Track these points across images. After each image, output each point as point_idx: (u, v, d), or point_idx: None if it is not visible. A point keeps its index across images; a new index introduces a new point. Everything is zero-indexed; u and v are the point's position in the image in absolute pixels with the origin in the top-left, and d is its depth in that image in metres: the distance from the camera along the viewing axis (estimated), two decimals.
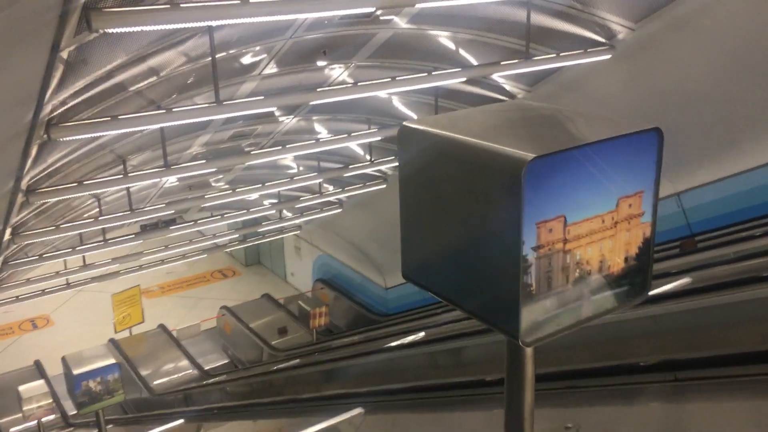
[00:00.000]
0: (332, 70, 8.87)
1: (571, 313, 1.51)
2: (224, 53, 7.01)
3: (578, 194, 1.42)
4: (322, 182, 14.03)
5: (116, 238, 13.05)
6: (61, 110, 5.50)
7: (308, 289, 20.22)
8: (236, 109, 6.16)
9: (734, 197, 7.62)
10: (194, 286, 22.42)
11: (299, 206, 15.31)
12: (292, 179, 12.43)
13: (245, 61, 7.77)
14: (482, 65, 7.56)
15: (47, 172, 7.66)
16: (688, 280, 4.33)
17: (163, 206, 10.95)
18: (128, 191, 9.77)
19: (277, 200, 14.89)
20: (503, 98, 9.31)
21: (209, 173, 12.87)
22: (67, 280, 14.82)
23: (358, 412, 3.06)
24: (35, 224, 10.35)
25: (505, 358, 1.64)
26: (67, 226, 9.93)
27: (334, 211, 16.24)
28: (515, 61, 7.12)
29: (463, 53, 8.42)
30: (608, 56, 7.44)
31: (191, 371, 16.29)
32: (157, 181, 11.21)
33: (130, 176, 7.98)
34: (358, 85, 6.59)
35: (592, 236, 1.48)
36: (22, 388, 9.47)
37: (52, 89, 4.59)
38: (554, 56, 7.20)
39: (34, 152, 5.80)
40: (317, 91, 6.66)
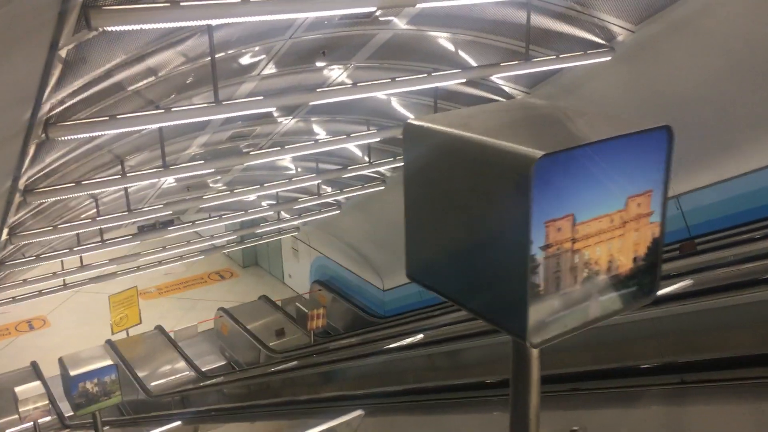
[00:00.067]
0: (331, 70, 8.85)
1: (578, 314, 1.48)
2: (223, 53, 6.99)
3: (587, 193, 1.40)
4: (320, 183, 14.01)
5: (114, 239, 13.00)
6: (59, 109, 5.47)
7: (306, 290, 20.19)
8: (235, 109, 6.13)
9: (734, 200, 7.61)
10: (191, 287, 22.38)
11: (297, 207, 15.28)
12: (290, 180, 12.40)
13: (244, 61, 7.75)
14: (482, 66, 7.55)
15: (45, 172, 7.63)
16: (689, 282, 4.31)
17: (161, 207, 10.92)
18: (126, 191, 9.73)
19: (275, 201, 14.86)
20: (502, 100, 9.29)
21: (208, 174, 12.84)
22: (64, 281, 14.77)
23: (358, 413, 3.04)
24: (32, 224, 10.30)
25: (509, 359, 1.61)
26: (64, 226, 9.88)
27: (332, 212, 16.22)
28: (515, 62, 7.10)
29: (462, 55, 8.41)
30: (608, 58, 7.43)
31: (188, 373, 16.25)
32: (155, 181, 11.18)
33: (128, 176, 7.95)
34: (357, 85, 6.57)
35: (600, 236, 1.46)
36: (18, 389, 9.41)
37: (50, 88, 4.56)
38: (554, 58, 7.19)
39: (31, 152, 5.76)
40: (317, 91, 6.64)
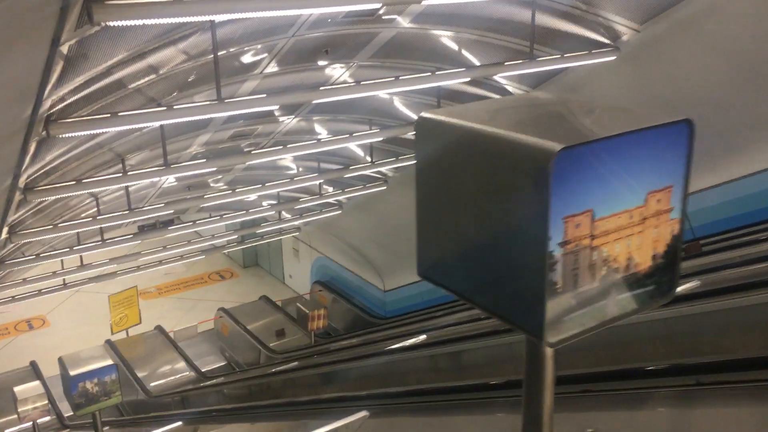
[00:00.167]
0: (334, 69, 8.81)
1: (596, 313, 1.45)
2: (225, 51, 6.95)
3: (606, 188, 1.36)
4: (321, 183, 13.98)
5: (114, 238, 12.97)
6: (60, 106, 5.43)
7: (306, 291, 20.16)
8: (238, 107, 6.09)
9: (738, 201, 7.57)
10: (192, 287, 22.36)
11: (298, 207, 15.25)
12: (292, 180, 12.36)
13: (246, 59, 7.71)
14: (486, 65, 7.51)
15: (45, 170, 7.59)
16: (697, 283, 4.28)
17: (162, 206, 10.87)
18: (127, 190, 9.70)
19: (276, 201, 14.83)
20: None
21: (209, 173, 12.81)
22: (64, 280, 14.74)
23: (362, 414, 2.99)
24: (32, 223, 10.27)
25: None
26: (65, 225, 9.84)
27: (333, 212, 16.18)
28: (520, 61, 7.06)
29: (466, 54, 8.37)
30: (613, 58, 7.39)
31: (188, 373, 16.22)
32: (156, 180, 11.15)
33: (129, 174, 7.90)
34: (361, 83, 6.53)
35: (619, 232, 1.42)
36: (17, 389, 9.38)
37: (51, 85, 4.52)
38: (559, 57, 7.15)
39: (32, 149, 5.72)
40: (320, 89, 6.59)
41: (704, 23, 6.91)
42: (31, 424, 9.58)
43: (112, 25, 3.77)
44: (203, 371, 16.21)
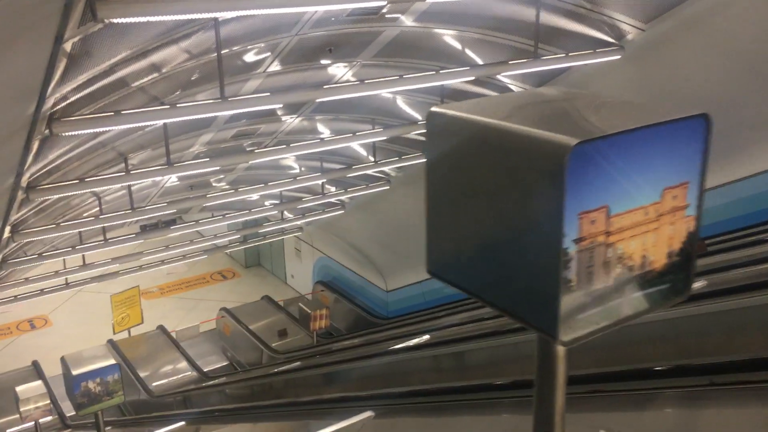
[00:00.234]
0: (337, 68, 8.79)
1: (610, 311, 1.42)
2: (228, 50, 6.93)
3: (622, 183, 1.33)
4: (324, 183, 13.95)
5: (116, 237, 12.96)
6: (62, 105, 5.40)
7: (308, 291, 20.14)
8: (242, 105, 6.07)
9: (745, 201, 7.53)
10: (193, 287, 22.34)
11: (301, 207, 15.23)
12: (294, 179, 12.34)
13: (249, 58, 7.69)
14: (491, 64, 7.49)
15: (47, 169, 7.57)
16: (704, 282, 4.25)
17: (164, 205, 10.86)
18: (129, 189, 9.68)
19: (278, 201, 14.81)
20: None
21: (211, 172, 12.79)
22: (66, 279, 14.73)
23: (368, 414, 2.96)
24: (35, 222, 10.26)
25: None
26: (67, 224, 9.83)
27: (336, 212, 16.16)
28: (524, 60, 7.04)
29: (469, 53, 8.35)
30: (618, 57, 7.36)
31: (190, 373, 16.20)
32: (158, 180, 11.14)
33: (132, 173, 7.89)
34: (365, 82, 6.51)
35: (635, 229, 1.39)
36: (19, 388, 9.37)
37: (54, 82, 4.50)
38: (563, 56, 7.12)
39: (35, 147, 5.70)
40: (324, 88, 6.57)
41: (710, 22, 6.88)
42: (33, 423, 9.58)
43: (115, 22, 3.74)
44: (205, 371, 16.20)
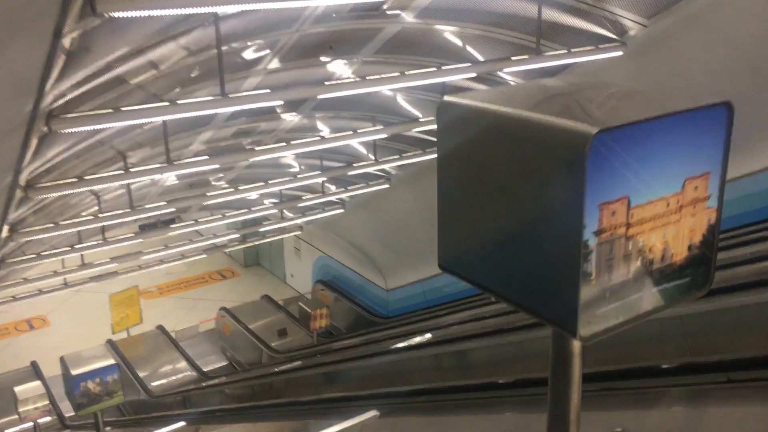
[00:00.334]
0: (337, 65, 8.74)
1: (629, 306, 1.37)
2: (228, 46, 6.88)
3: (644, 173, 1.28)
4: (324, 181, 13.90)
5: (115, 237, 12.91)
6: (61, 102, 5.35)
7: (307, 290, 20.10)
8: (242, 102, 6.02)
9: (747, 197, 7.49)
10: (193, 287, 22.30)
11: (301, 206, 15.18)
12: (294, 178, 12.29)
13: (249, 55, 7.65)
14: (492, 60, 7.45)
15: (46, 167, 7.52)
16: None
17: (164, 204, 10.80)
18: (129, 188, 9.63)
19: (278, 200, 14.76)
20: None
21: (210, 171, 12.74)
22: (64, 279, 14.67)
23: (373, 414, 2.92)
24: (33, 222, 10.20)
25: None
26: (66, 223, 9.77)
27: (336, 211, 16.10)
28: (526, 56, 7.00)
29: (470, 50, 8.31)
30: (620, 53, 7.32)
31: (190, 373, 16.17)
32: (157, 179, 11.09)
33: (131, 171, 7.83)
34: (366, 79, 6.46)
35: (655, 221, 1.34)
36: (17, 389, 9.34)
37: (53, 79, 4.44)
38: (565, 52, 7.08)
39: (34, 145, 5.65)
40: (325, 84, 6.53)
41: (712, 18, 6.85)
42: (31, 424, 9.54)
43: (115, 16, 3.69)
44: (205, 371, 16.18)
